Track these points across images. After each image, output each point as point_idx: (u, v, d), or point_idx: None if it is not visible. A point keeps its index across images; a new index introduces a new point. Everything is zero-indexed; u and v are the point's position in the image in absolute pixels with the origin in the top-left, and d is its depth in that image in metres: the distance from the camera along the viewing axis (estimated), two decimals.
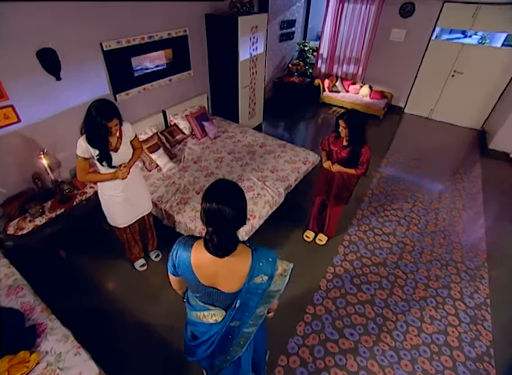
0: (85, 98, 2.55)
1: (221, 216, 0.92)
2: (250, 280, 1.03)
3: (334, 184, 2.47)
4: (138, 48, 2.82)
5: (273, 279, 1.05)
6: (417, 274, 2.66)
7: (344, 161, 2.28)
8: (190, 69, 3.61)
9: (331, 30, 5.58)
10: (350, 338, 2.15)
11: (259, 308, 1.12)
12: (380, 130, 5.17)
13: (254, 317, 1.14)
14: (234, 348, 1.25)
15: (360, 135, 2.15)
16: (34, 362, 1.55)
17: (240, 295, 1.06)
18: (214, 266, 1.02)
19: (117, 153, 1.86)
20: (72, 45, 2.28)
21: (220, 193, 0.96)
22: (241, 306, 1.09)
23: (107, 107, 1.63)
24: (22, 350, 1.56)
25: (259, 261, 1.03)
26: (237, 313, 1.11)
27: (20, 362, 1.53)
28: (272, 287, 1.06)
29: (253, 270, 1.02)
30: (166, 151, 3.20)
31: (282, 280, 1.07)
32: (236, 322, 1.15)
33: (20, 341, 1.62)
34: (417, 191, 3.70)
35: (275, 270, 1.05)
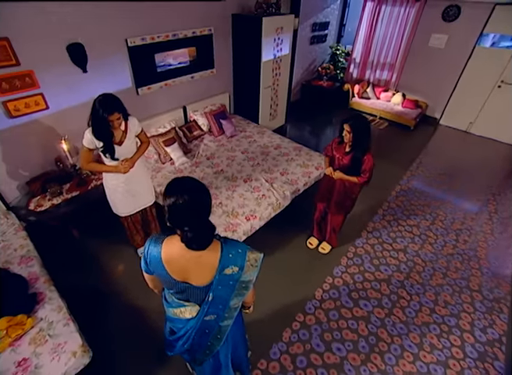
0: (109, 90, 2.71)
1: (190, 207, 0.93)
2: (220, 272, 1.04)
3: (335, 192, 2.39)
4: (162, 45, 2.97)
5: (244, 269, 1.06)
6: (424, 297, 2.48)
7: (346, 168, 2.20)
8: (213, 67, 3.71)
9: (366, 34, 5.39)
10: (337, 353, 2.07)
11: (233, 301, 1.13)
12: (409, 141, 4.88)
13: (229, 310, 1.15)
14: (212, 343, 1.27)
15: (365, 141, 2.06)
16: (29, 325, 1.69)
17: (212, 288, 1.07)
18: (183, 260, 1.04)
19: (121, 147, 1.96)
20: (99, 41, 2.47)
21: (182, 185, 0.98)
22: (214, 299, 1.10)
23: (109, 101, 1.74)
24: (21, 313, 1.72)
25: (229, 252, 1.04)
26: (211, 307, 1.13)
27: (18, 323, 1.68)
28: (243, 277, 1.07)
29: (223, 262, 1.03)
30: (181, 146, 3.32)
31: (253, 270, 1.08)
32: (211, 316, 1.16)
33: (21, 305, 1.78)
34: (438, 209, 3.44)
35: (245, 261, 1.05)
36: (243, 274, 1.07)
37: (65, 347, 1.62)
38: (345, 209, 2.51)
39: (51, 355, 1.58)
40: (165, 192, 0.97)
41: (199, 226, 0.97)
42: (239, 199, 2.73)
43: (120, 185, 2.11)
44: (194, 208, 0.95)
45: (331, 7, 5.25)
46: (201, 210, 0.97)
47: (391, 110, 5.25)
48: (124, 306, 2.30)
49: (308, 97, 5.81)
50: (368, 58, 5.59)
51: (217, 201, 2.70)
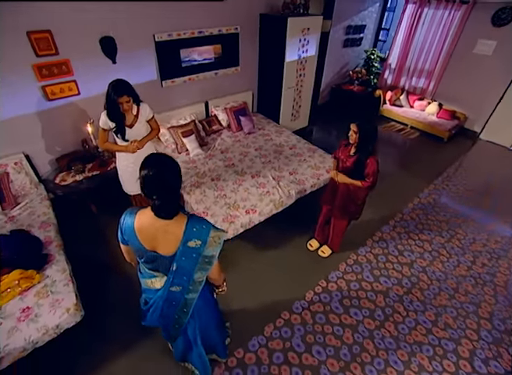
0: (135, 81, 2.95)
1: (156, 180, 1.06)
2: (184, 243, 1.13)
3: (338, 195, 2.36)
4: (188, 41, 3.16)
5: (206, 244, 1.14)
6: (422, 316, 2.34)
7: (349, 171, 2.17)
8: (237, 65, 3.84)
9: (404, 38, 5.16)
10: (316, 356, 2.05)
11: (197, 274, 1.21)
12: (439, 153, 4.58)
13: (193, 283, 1.24)
14: (179, 315, 1.37)
15: (370, 144, 2.02)
16: (37, 280, 1.93)
17: (175, 258, 1.17)
18: (153, 229, 1.14)
19: (131, 129, 2.15)
20: (129, 35, 2.71)
21: (154, 160, 1.10)
22: (178, 269, 1.19)
23: (120, 85, 1.92)
24: (32, 269, 1.97)
25: (193, 226, 1.13)
26: (176, 277, 1.22)
27: (28, 277, 1.92)
28: (205, 252, 1.15)
29: (187, 234, 1.12)
30: (198, 138, 3.48)
31: (215, 247, 1.16)
32: (177, 287, 1.26)
33: (33, 262, 2.03)
34: (458, 227, 3.21)
35: (208, 236, 1.14)
36: (206, 249, 1.15)
37: (62, 303, 1.82)
38: (349, 215, 2.46)
39: (49, 307, 1.79)
40: (141, 165, 1.10)
41: (166, 196, 1.08)
42: (243, 193, 2.80)
43: (130, 165, 2.31)
44: (161, 180, 1.07)
45: (368, 10, 5.12)
46: (168, 182, 1.08)
47: (424, 120, 4.97)
48: (123, 279, 2.48)
49: (337, 101, 5.71)
50: (404, 64, 5.35)
51: (221, 192, 2.80)
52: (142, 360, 1.97)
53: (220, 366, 1.96)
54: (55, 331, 1.75)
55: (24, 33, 2.21)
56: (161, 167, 1.07)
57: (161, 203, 1.08)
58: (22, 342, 1.64)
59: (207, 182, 2.95)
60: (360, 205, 2.37)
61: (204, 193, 2.79)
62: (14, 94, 2.38)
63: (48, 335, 1.72)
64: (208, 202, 2.68)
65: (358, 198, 2.30)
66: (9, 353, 1.61)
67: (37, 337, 1.67)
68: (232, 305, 2.34)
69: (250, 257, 2.75)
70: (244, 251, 2.81)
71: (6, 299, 1.82)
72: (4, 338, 1.64)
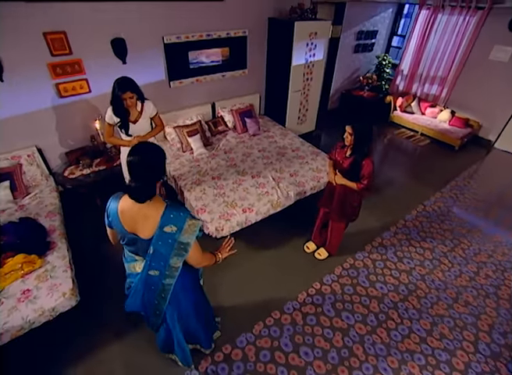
0: (144, 81, 3.12)
1: (137, 165, 1.14)
2: (160, 228, 1.19)
3: (335, 197, 2.37)
4: (196, 43, 3.28)
5: (182, 231, 1.20)
6: (416, 324, 2.30)
7: (345, 172, 2.18)
8: (245, 68, 3.94)
9: (417, 44, 5.12)
10: (303, 357, 2.05)
11: (172, 260, 1.27)
12: (449, 161, 4.48)
13: (169, 268, 1.30)
14: (158, 301, 1.43)
15: (365, 145, 2.04)
16: (39, 265, 2.05)
17: (152, 242, 1.24)
18: (132, 212, 1.22)
19: (135, 125, 2.26)
20: (139, 37, 2.86)
21: (138, 149, 1.17)
22: (155, 253, 1.26)
23: (124, 82, 2.04)
24: (34, 254, 2.09)
25: (171, 213, 1.20)
26: (153, 261, 1.29)
27: (30, 261, 2.04)
28: (181, 238, 1.21)
29: (163, 219, 1.19)
30: (202, 138, 3.58)
31: (190, 234, 1.22)
32: (155, 271, 1.33)
33: (37, 248, 2.15)
34: (463, 236, 3.13)
35: (184, 223, 1.20)
36: (181, 235, 1.21)
37: (59, 287, 1.92)
38: (346, 217, 2.46)
39: (47, 291, 1.90)
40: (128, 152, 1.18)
41: (140, 181, 1.15)
42: (242, 192, 2.86)
43: None
44: (140, 166, 1.15)
45: (380, 15, 5.12)
46: (146, 168, 1.15)
47: (435, 127, 4.89)
48: (120, 269, 2.56)
49: (347, 106, 5.71)
50: (416, 70, 5.30)
51: (221, 191, 2.87)
52: (132, 349, 2.03)
53: (207, 360, 2.00)
54: (51, 314, 1.84)
55: (41, 34, 2.39)
56: (143, 153, 1.16)
57: (134, 186, 1.14)
58: (20, 321, 1.75)
59: (208, 180, 3.03)
60: (356, 206, 2.37)
61: (203, 191, 2.87)
62: (29, 91, 2.56)
63: (43, 316, 1.82)
64: (206, 200, 2.75)
65: (354, 200, 2.31)
66: (8, 330, 1.72)
67: (33, 317, 1.78)
68: (224, 301, 2.38)
69: (246, 256, 2.78)
70: (241, 249, 2.84)
71: (9, 281, 1.94)
72: (4, 316, 1.75)
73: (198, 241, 1.32)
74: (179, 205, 1.27)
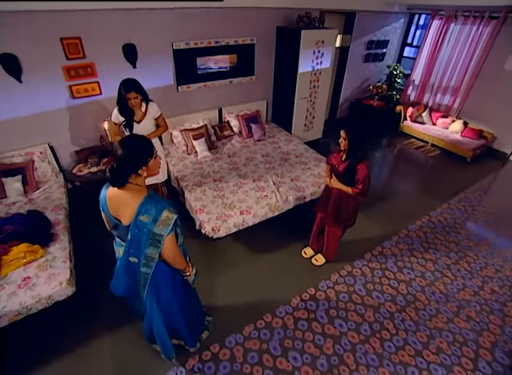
0: (153, 85, 3.28)
1: (117, 153, 1.25)
2: (137, 216, 1.26)
3: (331, 201, 2.38)
4: (204, 50, 3.42)
5: (157, 222, 1.26)
6: (413, 336, 2.23)
7: (340, 177, 2.20)
8: (253, 74, 4.05)
9: (429, 54, 5.10)
10: (291, 361, 2.03)
11: (148, 249, 1.33)
12: (460, 173, 4.38)
13: (146, 257, 1.36)
14: (139, 288, 1.50)
15: (360, 150, 2.06)
16: (40, 255, 2.16)
17: (130, 228, 1.30)
18: (116, 198, 1.31)
19: (139, 124, 2.38)
20: (149, 43, 3.03)
21: (124, 140, 1.27)
22: (132, 240, 1.33)
23: (129, 82, 2.17)
24: (37, 244, 2.20)
25: (148, 203, 1.27)
26: (131, 247, 1.36)
27: (33, 251, 2.16)
28: (155, 229, 1.27)
29: (140, 208, 1.26)
30: (207, 142, 3.68)
31: (164, 226, 1.27)
32: (134, 258, 1.39)
33: (40, 238, 2.27)
34: (470, 249, 3.03)
35: (159, 215, 1.26)
36: (155, 226, 1.26)
37: (57, 277, 2.01)
38: (341, 222, 2.46)
39: (46, 279, 1.99)
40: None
41: (117, 167, 1.25)
42: (241, 195, 2.91)
43: None
44: (122, 155, 1.24)
45: (392, 25, 5.16)
46: (121, 157, 1.24)
47: (445, 138, 4.81)
48: None
49: (357, 115, 5.72)
50: (428, 80, 5.26)
51: (221, 193, 2.93)
52: (122, 342, 2.09)
53: (194, 358, 2.02)
54: (47, 301, 1.93)
55: (58, 39, 2.58)
56: (123, 145, 1.25)
57: (110, 170, 1.25)
58: (17, 306, 1.84)
59: (209, 182, 3.10)
60: (351, 212, 2.37)
61: (204, 192, 2.94)
62: (45, 92, 2.74)
63: (40, 304, 1.91)
64: (205, 201, 2.82)
65: (349, 205, 2.31)
66: (6, 314, 1.81)
67: (30, 303, 1.87)
68: (217, 301, 2.41)
69: (242, 258, 2.81)
70: (238, 252, 2.88)
71: (12, 268, 2.05)
72: (4, 300, 1.84)
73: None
74: (160, 197, 1.34)
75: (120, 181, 1.27)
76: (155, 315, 1.61)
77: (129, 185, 1.28)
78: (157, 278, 1.46)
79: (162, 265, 1.46)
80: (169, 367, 1.96)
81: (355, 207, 2.35)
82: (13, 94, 2.62)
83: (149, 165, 1.31)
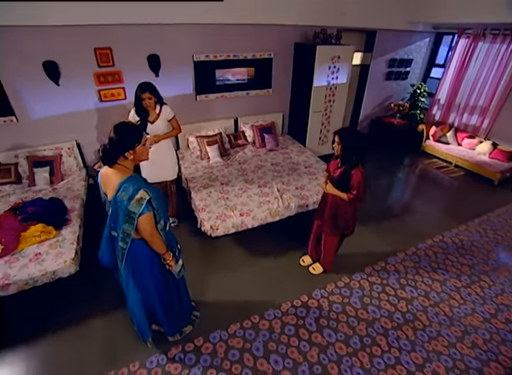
0: (173, 93, 3.60)
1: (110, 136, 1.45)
2: (116, 193, 1.43)
3: (327, 208, 2.41)
4: (223, 63, 3.71)
5: (132, 200, 1.41)
6: (406, 356, 2.12)
7: (336, 182, 2.24)
8: (270, 87, 4.26)
9: (455, 73, 5.02)
10: (272, 364, 2.02)
11: (125, 225, 1.47)
12: (485, 195, 4.15)
13: (123, 232, 1.50)
14: (119, 263, 1.64)
15: (354, 155, 2.09)
16: (53, 235, 2.41)
17: (111, 203, 1.47)
18: (106, 175, 1.51)
19: (153, 125, 2.63)
20: (171, 54, 3.37)
21: (116, 126, 1.48)
22: (113, 214, 1.49)
23: (144, 84, 2.44)
24: (52, 226, 2.46)
25: (128, 182, 1.43)
26: (111, 221, 1.53)
27: (48, 231, 2.42)
28: (130, 207, 1.41)
29: (119, 186, 1.42)
30: (220, 148, 3.89)
31: (138, 205, 1.42)
32: (114, 232, 1.55)
33: (56, 221, 2.53)
34: (485, 274, 2.84)
35: (135, 194, 1.41)
36: (130, 204, 1.41)
37: (63, 256, 2.23)
38: (338, 230, 2.46)
39: (53, 256, 2.22)
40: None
41: (108, 148, 1.45)
42: (245, 199, 3.02)
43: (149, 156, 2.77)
44: (113, 139, 1.44)
45: (416, 44, 5.19)
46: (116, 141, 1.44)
47: (471, 159, 4.61)
48: None
49: (377, 133, 5.68)
50: (454, 99, 5.15)
51: (225, 195, 3.07)
52: (114, 324, 2.22)
53: (177, 347, 2.09)
54: (52, 276, 2.14)
55: (92, 49, 2.99)
56: (118, 132, 1.45)
57: (103, 150, 1.45)
58: (26, 277, 2.06)
59: (216, 185, 3.26)
60: (348, 219, 2.37)
61: (209, 194, 3.10)
62: (77, 94, 3.15)
63: (45, 277, 2.12)
64: (209, 201, 2.96)
65: (345, 211, 2.32)
66: (16, 282, 2.03)
67: (37, 276, 2.09)
68: (207, 297, 2.48)
69: (240, 260, 2.88)
70: (237, 254, 2.96)
71: (28, 244, 2.31)
72: (15, 270, 2.08)
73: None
74: (141, 179, 1.51)
75: (110, 161, 1.46)
76: (130, 291, 1.72)
77: (117, 165, 1.47)
78: (134, 255, 1.60)
79: (141, 243, 1.59)
80: (151, 353, 2.05)
81: (352, 214, 2.35)
82: (50, 95, 3.04)
83: (136, 150, 1.48)
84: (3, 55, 2.75)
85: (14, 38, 2.72)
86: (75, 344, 2.10)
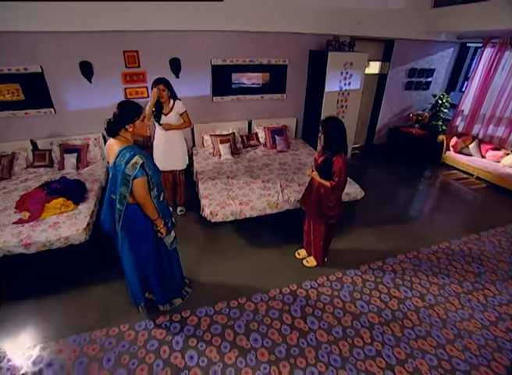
0: (191, 94, 3.95)
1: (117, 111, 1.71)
2: (115, 158, 1.67)
3: (312, 195, 2.51)
4: (239, 67, 4.01)
5: (128, 165, 1.64)
6: (389, 350, 2.10)
7: (319, 170, 2.35)
8: (284, 92, 4.49)
9: (480, 83, 4.91)
10: (251, 342, 2.11)
11: (122, 188, 1.70)
12: (505, 208, 3.93)
13: (120, 195, 1.72)
14: (116, 224, 1.86)
15: (334, 142, 2.20)
16: (71, 209, 2.75)
17: (111, 168, 1.72)
18: (110, 145, 1.76)
19: (166, 117, 2.94)
20: (191, 58, 3.74)
21: (119, 103, 1.73)
22: (112, 178, 1.73)
23: (159, 78, 2.79)
24: (71, 201, 2.81)
25: (125, 149, 1.67)
26: (111, 185, 1.77)
27: (67, 205, 2.76)
28: (126, 170, 1.64)
29: (119, 152, 1.67)
30: (232, 147, 4.13)
31: (133, 169, 1.65)
32: (113, 195, 1.78)
33: (75, 198, 2.88)
34: (491, 283, 2.70)
35: (130, 159, 1.64)
36: (126, 168, 1.64)
37: (77, 225, 2.54)
38: (322, 217, 2.52)
39: (69, 224, 2.54)
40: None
41: (112, 120, 1.70)
42: (247, 191, 3.20)
43: (160, 145, 3.08)
44: (117, 113, 1.69)
45: (438, 54, 5.18)
46: (118, 114, 1.69)
47: (494, 171, 4.41)
48: None
49: (395, 143, 5.64)
50: (478, 111, 5.00)
51: (229, 187, 3.27)
52: (111, 293, 2.45)
53: (165, 316, 2.26)
54: (65, 241, 2.44)
55: (121, 52, 3.43)
56: (121, 107, 1.71)
57: (107, 123, 1.70)
58: (44, 239, 2.38)
59: (222, 178, 3.48)
60: (333, 207, 2.43)
61: (215, 185, 3.32)
62: (106, 91, 3.60)
63: (59, 242, 2.43)
64: (213, 190, 3.18)
65: (329, 200, 2.39)
66: (35, 243, 2.36)
67: (53, 239, 2.40)
68: (201, 278, 2.65)
69: (238, 249, 3.03)
70: (235, 242, 3.12)
71: (50, 214, 2.66)
72: (37, 234, 2.41)
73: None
74: (138, 148, 1.75)
75: (112, 132, 1.71)
76: (125, 253, 1.93)
77: (118, 136, 1.72)
78: (128, 219, 1.82)
79: (135, 208, 1.81)
80: (141, 318, 2.24)
81: (337, 202, 2.42)
82: (83, 92, 3.52)
83: (135, 124, 1.73)
84: (50, 56, 3.27)
85: (59, 42, 3.24)
86: (76, 303, 2.35)
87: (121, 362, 1.95)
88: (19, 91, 3.32)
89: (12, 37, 3.09)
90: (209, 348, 2.05)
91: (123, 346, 2.05)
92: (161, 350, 2.03)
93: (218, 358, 1.99)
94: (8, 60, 3.15)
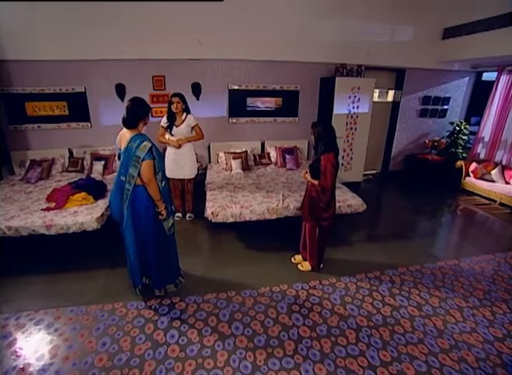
0: (210, 115, 4.46)
1: (127, 106, 2.08)
2: (128, 143, 2.02)
3: (306, 195, 2.67)
4: (253, 92, 4.50)
5: (138, 148, 1.98)
6: (373, 352, 2.03)
7: (311, 169, 2.54)
8: (296, 116, 4.87)
9: (498, 110, 4.93)
10: (232, 330, 2.17)
11: (131, 169, 2.02)
12: None
13: (129, 175, 2.05)
14: (123, 204, 2.16)
15: (322, 143, 2.40)
16: (90, 202, 3.15)
17: (123, 152, 2.06)
18: (122, 134, 2.13)
19: (177, 128, 3.38)
20: (211, 83, 4.31)
21: (132, 99, 2.13)
22: (123, 161, 2.06)
23: (176, 93, 3.24)
24: (92, 196, 3.23)
25: (137, 136, 2.03)
26: (122, 167, 2.09)
27: (88, 199, 3.17)
28: (137, 152, 1.98)
29: (131, 138, 2.02)
30: (243, 163, 4.47)
31: (143, 151, 1.98)
32: (123, 176, 2.11)
33: (96, 194, 3.29)
34: (503, 301, 2.53)
35: (141, 144, 1.99)
36: (137, 150, 1.97)
37: (93, 214, 2.91)
38: (315, 219, 2.63)
39: (86, 213, 2.91)
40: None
41: (127, 114, 2.06)
42: (249, 198, 3.42)
43: (171, 154, 3.48)
44: (128, 107, 2.07)
45: (452, 82, 5.34)
46: (129, 109, 2.06)
47: None
48: None
49: (412, 169, 5.64)
50: (499, 136, 4.95)
51: (233, 194, 3.52)
52: (114, 277, 2.70)
53: (156, 300, 2.42)
54: (79, 226, 2.79)
55: (150, 76, 4.09)
56: (131, 101, 2.09)
57: (123, 116, 2.07)
58: (62, 223, 2.75)
59: (229, 187, 3.77)
60: (324, 208, 2.55)
61: (221, 192, 3.60)
62: None
63: (75, 226, 2.78)
64: (218, 196, 3.45)
65: (320, 200, 2.53)
66: (55, 225, 2.73)
67: (69, 224, 2.76)
68: (196, 271, 2.81)
69: (237, 251, 3.18)
70: (236, 246, 3.29)
71: (72, 205, 3.07)
72: (58, 218, 2.80)
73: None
74: (147, 136, 2.09)
75: (131, 124, 2.08)
76: (128, 231, 2.20)
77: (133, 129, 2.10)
78: (134, 199, 2.13)
79: (142, 190, 2.12)
80: (135, 299, 2.42)
81: (327, 204, 2.54)
82: (116, 109, 4.15)
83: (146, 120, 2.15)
84: (93, 78, 4.00)
85: (101, 67, 3.98)
86: (81, 282, 2.62)
87: (108, 332, 2.11)
88: (65, 107, 4.04)
89: (67, 64, 3.88)
90: (191, 330, 2.15)
91: (113, 320, 2.22)
92: (146, 327, 2.17)
93: (197, 340, 2.07)
94: (60, 81, 3.91)
